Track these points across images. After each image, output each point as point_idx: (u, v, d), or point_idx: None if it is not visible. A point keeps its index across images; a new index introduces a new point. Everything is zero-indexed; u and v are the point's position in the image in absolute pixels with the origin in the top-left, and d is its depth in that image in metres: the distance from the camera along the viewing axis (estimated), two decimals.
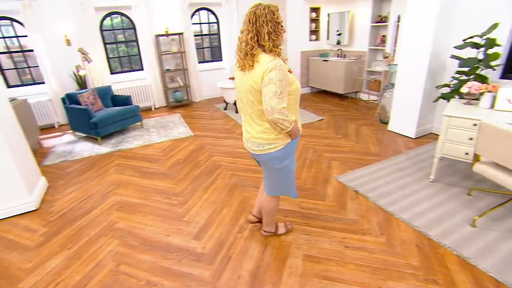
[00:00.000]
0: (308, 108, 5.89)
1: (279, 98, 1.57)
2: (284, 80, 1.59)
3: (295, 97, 1.78)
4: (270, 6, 1.64)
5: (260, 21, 1.61)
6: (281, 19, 1.67)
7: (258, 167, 3.48)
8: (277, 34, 1.65)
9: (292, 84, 1.73)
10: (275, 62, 1.59)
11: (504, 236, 2.28)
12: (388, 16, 5.43)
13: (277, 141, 1.80)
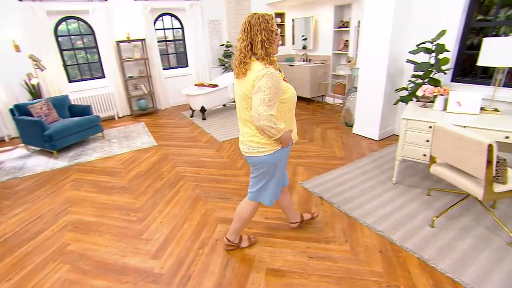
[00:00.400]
0: None
1: (267, 105, 1.58)
2: (274, 88, 1.59)
3: (289, 105, 1.79)
4: (265, 15, 1.65)
5: (254, 30, 1.63)
6: (275, 27, 1.68)
7: (222, 176, 3.39)
8: (271, 42, 1.66)
9: (286, 92, 1.73)
10: (265, 70, 1.60)
11: (459, 234, 2.33)
12: (350, 22, 5.53)
13: (267, 146, 1.79)
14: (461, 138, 2.12)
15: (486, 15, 4.83)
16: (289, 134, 1.82)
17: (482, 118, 2.72)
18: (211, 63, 7.25)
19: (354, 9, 5.28)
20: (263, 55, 1.65)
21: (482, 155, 2.01)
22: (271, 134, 1.65)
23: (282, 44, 7.07)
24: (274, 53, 1.71)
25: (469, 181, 2.22)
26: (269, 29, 1.63)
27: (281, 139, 1.74)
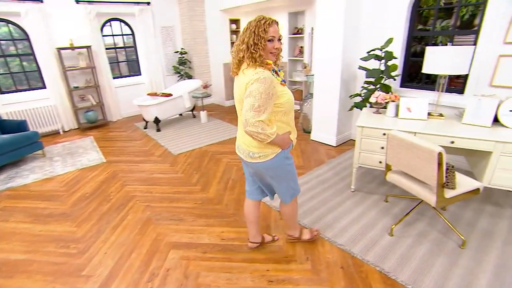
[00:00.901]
0: (233, 122, 5.66)
1: (255, 111, 1.54)
2: (265, 94, 1.54)
3: (284, 109, 1.72)
4: (262, 19, 1.58)
5: (247, 32, 1.60)
6: (268, 34, 1.58)
7: (176, 194, 3.13)
8: (258, 48, 1.58)
9: (282, 96, 1.67)
10: (258, 74, 1.54)
11: (416, 241, 2.32)
12: (304, 28, 5.54)
13: (267, 151, 1.75)
14: (414, 146, 2.10)
15: (425, 25, 5.12)
16: (287, 136, 1.77)
17: (430, 123, 2.77)
18: (165, 70, 6.89)
19: (308, 16, 5.30)
20: (247, 58, 1.60)
21: (433, 163, 2.00)
22: (259, 139, 1.62)
23: None
24: (263, 60, 1.61)
25: (423, 188, 2.21)
26: (259, 34, 1.56)
27: (276, 142, 1.68)
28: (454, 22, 3.56)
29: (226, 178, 3.41)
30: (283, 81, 1.71)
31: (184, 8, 6.46)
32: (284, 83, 1.73)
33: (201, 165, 3.81)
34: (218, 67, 6.78)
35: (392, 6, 3.58)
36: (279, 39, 1.65)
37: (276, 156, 1.77)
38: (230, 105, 7.11)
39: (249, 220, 2.22)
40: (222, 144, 4.50)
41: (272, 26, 1.58)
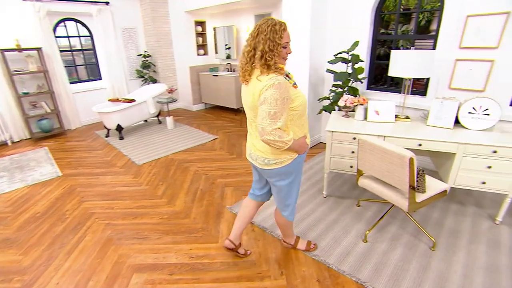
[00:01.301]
0: (201, 127, 5.43)
1: (272, 119, 1.47)
2: (281, 99, 1.47)
3: (299, 112, 1.66)
4: (276, 24, 1.50)
5: (259, 37, 1.50)
6: (284, 40, 1.51)
7: (140, 209, 2.87)
8: (274, 55, 1.50)
9: (296, 100, 1.61)
10: (273, 80, 1.47)
11: (390, 246, 2.28)
12: None
13: (284, 156, 1.69)
14: (385, 152, 2.05)
15: (387, 29, 5.26)
16: (303, 141, 1.72)
17: (398, 126, 2.77)
18: (128, 75, 6.49)
19: None
20: (260, 66, 1.53)
21: (404, 168, 1.96)
22: (276, 146, 1.54)
23: (205, 53, 6.70)
24: (277, 66, 1.55)
25: (394, 193, 2.17)
26: (275, 40, 1.48)
27: (293, 148, 1.62)
28: (415, 27, 3.64)
29: (194, 189, 3.20)
30: (295, 84, 1.65)
31: (147, 9, 6.13)
32: (296, 85, 1.67)
33: (167, 175, 3.56)
34: (184, 70, 6.51)
35: (356, 9, 3.59)
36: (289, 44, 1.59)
37: (293, 161, 1.73)
38: (198, 110, 6.87)
39: (241, 218, 2.15)
40: (190, 152, 4.27)
41: (286, 31, 1.52)
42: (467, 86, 3.05)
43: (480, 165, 2.40)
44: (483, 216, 2.65)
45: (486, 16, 2.83)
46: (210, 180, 3.38)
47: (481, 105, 2.57)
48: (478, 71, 2.96)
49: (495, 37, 2.83)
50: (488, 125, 2.58)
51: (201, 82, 6.62)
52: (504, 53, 2.83)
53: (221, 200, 2.95)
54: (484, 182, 2.44)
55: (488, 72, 2.92)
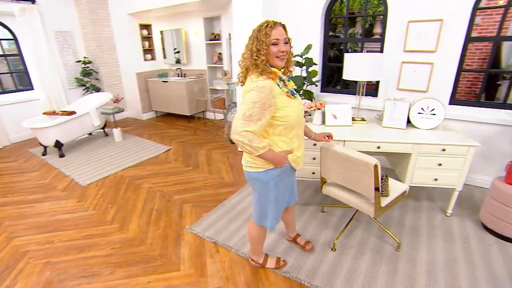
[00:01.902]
0: (153, 138, 5.00)
1: (246, 120, 1.40)
2: (260, 104, 1.39)
3: (287, 124, 1.53)
4: (264, 23, 1.45)
5: (251, 39, 1.49)
6: (269, 39, 1.43)
7: (87, 239, 2.48)
8: (260, 54, 1.44)
9: (283, 109, 1.48)
10: (256, 83, 1.43)
11: (358, 252, 2.23)
12: (221, 34, 5.23)
13: (257, 162, 1.60)
14: (349, 159, 1.98)
15: (334, 32, 5.38)
16: (282, 155, 1.56)
17: (355, 129, 2.76)
18: (66, 83, 5.78)
19: (224, 21, 5.01)
20: (251, 65, 1.48)
21: (369, 175, 1.90)
22: (246, 150, 1.46)
23: (153, 58, 6.23)
24: (265, 68, 1.47)
25: (360, 199, 2.11)
26: (260, 39, 1.43)
27: (266, 157, 1.50)
28: (363, 31, 3.71)
29: (148, 209, 2.86)
30: (289, 93, 1.52)
31: (84, 11, 5.49)
32: (292, 95, 1.55)
33: (117, 195, 3.15)
34: (131, 77, 5.98)
35: (307, 12, 3.54)
36: (287, 42, 1.48)
37: (266, 171, 1.60)
38: (148, 118, 6.37)
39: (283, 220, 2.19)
40: (142, 166, 3.87)
41: (276, 28, 1.43)
42: (412, 87, 3.17)
43: (432, 163, 2.47)
44: (435, 209, 2.75)
45: (424, 22, 2.95)
46: (166, 197, 3.06)
47: (428, 106, 2.66)
48: (421, 73, 3.09)
49: (433, 42, 2.96)
50: (435, 124, 2.68)
51: (150, 89, 6.15)
52: (441, 57, 2.98)
53: (179, 220, 2.66)
54: (436, 179, 2.52)
55: (430, 73, 3.06)
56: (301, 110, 1.61)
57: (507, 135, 2.91)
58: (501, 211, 2.33)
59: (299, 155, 1.69)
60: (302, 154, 1.72)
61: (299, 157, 1.69)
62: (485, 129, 2.97)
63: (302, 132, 1.70)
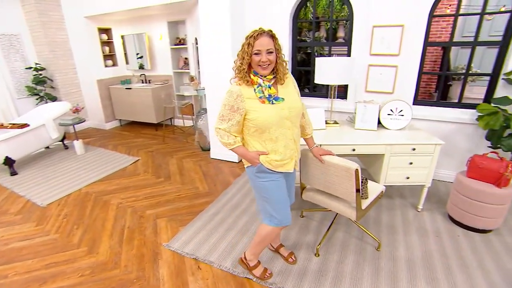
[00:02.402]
0: (119, 148, 4.67)
1: (219, 119, 1.62)
2: (228, 106, 1.56)
3: (255, 127, 1.60)
4: (250, 33, 1.52)
5: (241, 45, 1.56)
6: (256, 47, 1.49)
7: (50, 268, 2.20)
8: (242, 63, 1.54)
9: (250, 113, 1.57)
10: (230, 87, 1.59)
11: (342, 255, 2.22)
12: (186, 38, 5.05)
13: None
14: (329, 165, 1.96)
15: (300, 36, 5.44)
16: (252, 155, 1.65)
17: (329, 132, 2.77)
18: (14, 92, 5.21)
19: (189, 25, 4.83)
20: (235, 69, 1.58)
21: (350, 180, 1.89)
22: (221, 143, 1.66)
23: (114, 64, 5.84)
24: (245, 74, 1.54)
25: (341, 204, 2.10)
26: (244, 48, 1.52)
27: (237, 153, 1.68)
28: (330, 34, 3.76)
29: (119, 228, 2.62)
30: (262, 98, 1.55)
31: (32, 12, 4.98)
32: (268, 100, 1.55)
33: (83, 214, 2.86)
34: (91, 84, 5.54)
35: (274, 16, 3.52)
36: (271, 52, 1.51)
37: (248, 168, 1.74)
38: (112, 128, 5.95)
39: None
40: (108, 180, 3.57)
41: (260, 39, 1.48)
42: (379, 89, 3.27)
43: (404, 162, 2.55)
44: (407, 206, 2.85)
45: (387, 27, 3.06)
46: (138, 213, 2.84)
47: (397, 107, 2.75)
48: (387, 75, 3.20)
49: (396, 46, 3.08)
50: (403, 124, 2.78)
51: (113, 96, 5.76)
52: (404, 60, 3.10)
53: (155, 237, 2.47)
54: (408, 177, 2.61)
55: (395, 76, 3.17)
56: (277, 116, 1.57)
57: (463, 132, 3.12)
58: (465, 203, 2.47)
59: (277, 159, 1.65)
60: (282, 158, 1.67)
61: (277, 161, 1.66)
62: (444, 127, 3.14)
63: (283, 137, 1.64)
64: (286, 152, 1.67)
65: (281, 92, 1.62)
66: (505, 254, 2.23)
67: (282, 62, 1.59)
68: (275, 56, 1.53)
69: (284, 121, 1.60)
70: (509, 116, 2.62)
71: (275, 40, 1.53)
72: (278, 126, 1.59)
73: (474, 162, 2.47)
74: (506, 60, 2.85)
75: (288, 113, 1.60)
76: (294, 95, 1.67)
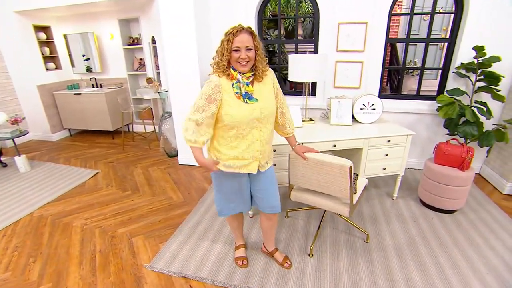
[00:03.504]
0: (72, 162, 4.08)
1: (194, 110, 1.51)
2: (205, 95, 1.49)
3: (226, 122, 1.53)
4: (229, 29, 1.46)
5: (220, 41, 1.51)
6: (235, 44, 1.43)
7: None
8: (221, 59, 1.49)
9: (224, 107, 1.51)
10: (210, 77, 1.54)
11: (335, 252, 2.17)
12: (141, 38, 4.63)
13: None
14: (322, 164, 1.89)
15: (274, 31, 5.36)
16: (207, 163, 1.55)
17: (307, 129, 2.73)
18: None
19: (144, 23, 4.42)
20: (213, 65, 1.54)
21: (345, 177, 1.84)
22: (183, 136, 1.55)
23: (57, 67, 5.10)
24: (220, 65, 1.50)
25: (332, 201, 2.06)
26: (223, 45, 1.47)
27: (193, 153, 1.55)
28: (302, 33, 3.73)
29: (89, 254, 2.25)
30: (238, 94, 1.51)
31: None
32: (241, 97, 1.51)
33: (40, 243, 2.40)
34: (31, 91, 4.74)
35: (240, 13, 3.36)
36: (250, 49, 1.46)
37: None
38: (60, 139, 5.20)
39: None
40: (66, 199, 3.07)
41: (238, 35, 1.43)
42: (347, 84, 3.33)
43: (380, 154, 2.61)
44: (383, 195, 2.95)
45: (352, 24, 3.11)
46: (109, 233, 2.48)
47: (369, 101, 2.81)
48: (353, 71, 3.27)
49: (361, 42, 3.15)
50: (375, 118, 2.85)
51: (59, 103, 5.03)
52: (369, 56, 3.20)
53: (133, 259, 2.17)
54: (384, 168, 2.68)
55: (360, 71, 3.25)
56: (248, 115, 1.52)
57: (423, 122, 3.33)
58: (434, 187, 2.61)
59: (237, 156, 1.61)
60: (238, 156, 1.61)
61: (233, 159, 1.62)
62: (407, 118, 3.32)
63: (250, 136, 1.59)
64: (248, 151, 1.62)
65: (257, 91, 1.57)
66: (472, 230, 2.41)
67: (262, 60, 1.54)
68: (254, 53, 1.49)
69: (254, 122, 1.56)
70: (464, 106, 2.84)
71: (254, 37, 1.48)
72: (247, 125, 1.56)
73: (440, 149, 2.63)
74: (454, 56, 3.09)
75: (259, 114, 1.55)
76: (269, 95, 1.62)
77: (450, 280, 1.92)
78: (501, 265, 2.04)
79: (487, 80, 2.82)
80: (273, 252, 2.11)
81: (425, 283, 1.89)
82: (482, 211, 2.68)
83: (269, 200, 1.83)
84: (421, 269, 2.01)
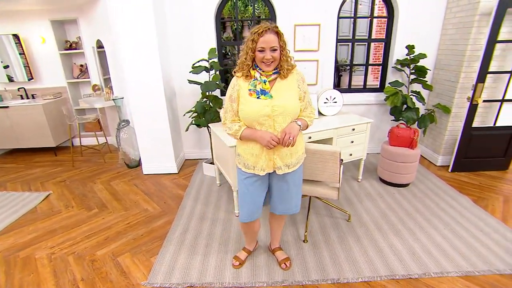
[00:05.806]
0: (9, 186, 3.38)
1: (224, 112, 1.63)
2: (228, 96, 1.58)
3: (246, 120, 1.54)
4: (254, 29, 1.42)
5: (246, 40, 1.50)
6: (260, 44, 1.41)
7: None
8: (245, 58, 1.48)
9: (239, 103, 1.55)
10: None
11: (324, 235, 2.30)
12: (80, 42, 4.11)
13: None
14: (316, 152, 1.99)
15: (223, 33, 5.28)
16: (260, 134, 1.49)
17: None
18: None
19: (83, 25, 3.95)
20: (239, 63, 1.54)
21: (336, 162, 1.98)
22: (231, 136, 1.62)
23: None
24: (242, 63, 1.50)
25: (321, 187, 2.18)
26: (248, 45, 1.45)
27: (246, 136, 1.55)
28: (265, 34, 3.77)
29: (69, 285, 1.89)
30: (251, 91, 1.49)
31: None
32: (254, 93, 1.49)
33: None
34: None
35: (198, 17, 3.27)
36: (275, 49, 1.43)
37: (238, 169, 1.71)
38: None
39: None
40: (17, 229, 2.53)
41: (264, 36, 1.39)
42: (306, 81, 3.52)
43: (347, 142, 2.85)
44: (349, 179, 3.21)
45: (307, 26, 3.31)
46: (86, 257, 2.15)
47: (331, 95, 3.03)
48: (310, 69, 3.47)
49: (315, 42, 3.38)
50: (337, 110, 3.10)
51: None
52: (323, 55, 3.45)
53: (127, 279, 1.93)
54: (351, 154, 2.93)
55: (316, 69, 3.48)
56: (258, 111, 1.46)
57: (371, 111, 3.73)
58: (391, 166, 2.96)
59: (252, 153, 1.57)
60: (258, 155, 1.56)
61: (252, 156, 1.57)
62: (359, 109, 3.68)
63: None
64: (261, 150, 1.55)
65: (276, 88, 1.50)
66: (426, 198, 2.81)
67: (287, 58, 1.51)
68: (279, 53, 1.46)
69: (265, 119, 1.47)
70: (405, 95, 3.28)
71: (280, 37, 1.45)
72: (258, 122, 1.49)
73: (393, 133, 2.99)
74: (390, 53, 3.55)
75: (270, 111, 1.46)
76: (288, 94, 1.51)
77: (421, 239, 2.23)
78: (452, 221, 2.43)
79: (417, 73, 3.31)
80: (276, 250, 2.09)
81: (404, 246, 2.15)
82: (427, 181, 3.14)
83: (282, 203, 1.77)
84: (398, 235, 2.27)
